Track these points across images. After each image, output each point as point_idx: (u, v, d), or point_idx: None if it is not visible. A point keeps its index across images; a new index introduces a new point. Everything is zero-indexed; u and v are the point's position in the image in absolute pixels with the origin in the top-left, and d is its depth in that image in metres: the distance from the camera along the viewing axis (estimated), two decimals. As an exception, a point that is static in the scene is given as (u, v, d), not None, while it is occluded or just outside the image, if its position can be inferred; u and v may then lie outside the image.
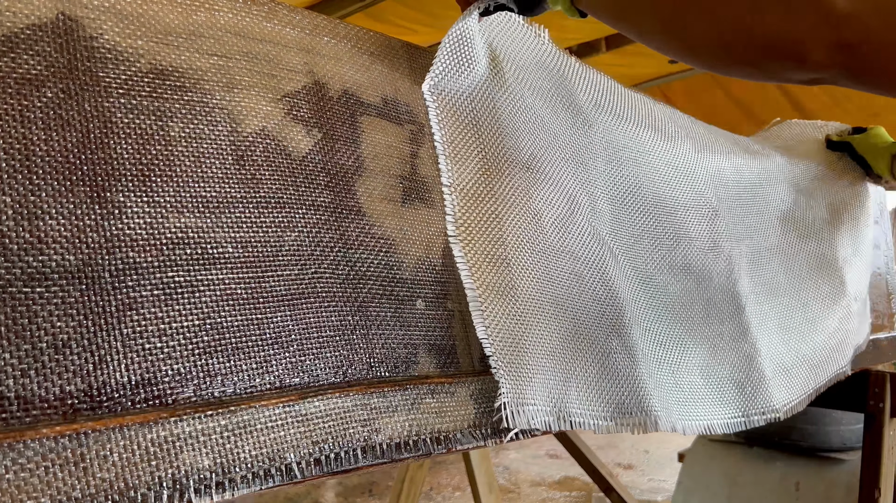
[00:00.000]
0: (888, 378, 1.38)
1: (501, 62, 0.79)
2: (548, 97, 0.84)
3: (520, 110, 0.79)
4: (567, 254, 0.79)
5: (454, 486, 3.79)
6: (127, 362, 0.48)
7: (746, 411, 0.96)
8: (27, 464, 0.42)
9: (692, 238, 0.97)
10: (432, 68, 0.70)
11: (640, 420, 0.78)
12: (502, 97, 0.78)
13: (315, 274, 0.61)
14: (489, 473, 2.10)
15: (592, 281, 0.81)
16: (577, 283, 0.79)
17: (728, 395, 0.95)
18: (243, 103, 0.60)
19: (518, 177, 0.76)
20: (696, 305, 0.95)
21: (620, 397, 0.78)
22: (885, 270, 1.56)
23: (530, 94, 0.82)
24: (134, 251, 0.50)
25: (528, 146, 0.79)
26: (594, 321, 0.79)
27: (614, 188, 0.90)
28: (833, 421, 1.93)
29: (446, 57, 0.70)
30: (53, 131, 0.49)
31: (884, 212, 1.62)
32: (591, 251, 0.82)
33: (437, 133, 0.70)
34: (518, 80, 0.80)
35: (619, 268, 0.86)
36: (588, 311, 0.79)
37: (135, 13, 0.55)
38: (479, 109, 0.75)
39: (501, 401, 0.66)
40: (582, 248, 0.81)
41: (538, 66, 0.84)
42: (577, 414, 0.73)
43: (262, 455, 0.52)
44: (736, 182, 1.09)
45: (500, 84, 0.78)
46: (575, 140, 0.86)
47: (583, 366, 0.76)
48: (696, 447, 2.19)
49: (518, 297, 0.71)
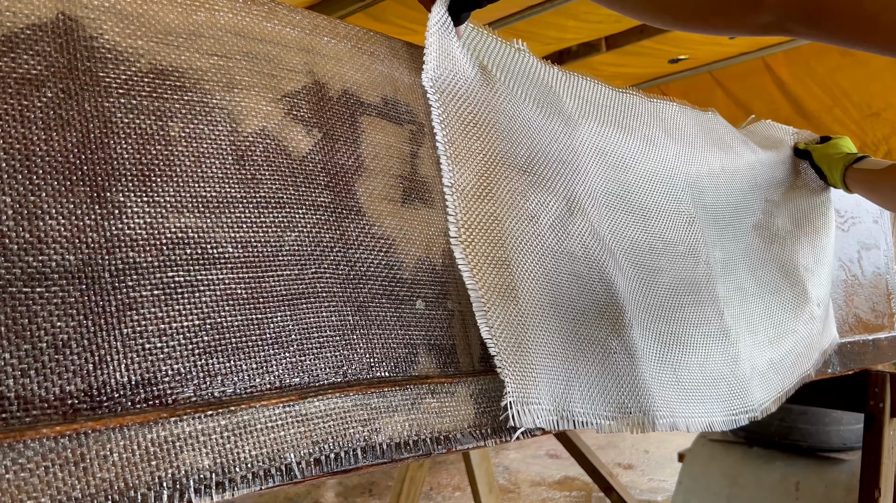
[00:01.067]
0: (888, 378, 1.38)
1: (492, 71, 0.80)
2: (539, 104, 0.85)
3: (515, 115, 0.81)
4: (565, 255, 0.80)
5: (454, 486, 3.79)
6: (127, 362, 0.48)
7: (735, 409, 0.98)
8: (27, 464, 0.42)
9: (673, 243, 0.99)
10: (425, 64, 0.72)
11: (639, 419, 0.78)
12: (498, 102, 0.79)
13: (315, 274, 0.61)
14: (489, 473, 2.10)
15: (591, 281, 0.82)
16: (576, 284, 0.80)
17: (722, 393, 0.97)
18: (243, 103, 0.60)
19: (516, 179, 0.77)
20: (687, 307, 0.97)
21: (621, 397, 0.78)
22: (885, 270, 1.56)
23: (523, 100, 0.83)
24: (134, 251, 0.50)
25: (525, 150, 0.80)
26: (594, 321, 0.80)
27: (606, 191, 0.91)
28: (833, 421, 1.93)
29: (434, 51, 0.72)
30: (53, 131, 0.49)
31: (884, 212, 1.62)
32: (589, 251, 0.83)
33: (439, 133, 0.71)
34: (509, 88, 0.82)
35: (619, 267, 0.87)
36: (587, 312, 0.80)
37: (135, 13, 0.55)
38: (479, 112, 0.76)
39: (507, 401, 0.66)
40: (581, 249, 0.82)
41: (525, 75, 0.86)
42: (580, 413, 0.74)
43: (262, 455, 0.52)
44: (713, 189, 1.12)
45: (494, 89, 0.79)
46: (568, 144, 0.87)
47: (584, 365, 0.77)
48: (696, 447, 2.19)
49: (519, 299, 0.72)
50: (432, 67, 0.72)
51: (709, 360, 0.97)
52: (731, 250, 1.11)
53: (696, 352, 0.95)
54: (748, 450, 2.05)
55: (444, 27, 0.73)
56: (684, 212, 1.03)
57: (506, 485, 3.83)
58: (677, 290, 0.97)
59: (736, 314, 1.06)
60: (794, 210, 1.28)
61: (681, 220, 1.02)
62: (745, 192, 1.19)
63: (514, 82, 0.83)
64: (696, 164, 1.09)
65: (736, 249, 1.12)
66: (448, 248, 0.72)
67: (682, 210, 1.03)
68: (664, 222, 0.99)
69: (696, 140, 1.12)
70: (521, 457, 4.33)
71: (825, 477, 1.86)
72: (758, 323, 1.11)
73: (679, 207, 1.03)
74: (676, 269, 0.98)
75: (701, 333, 0.98)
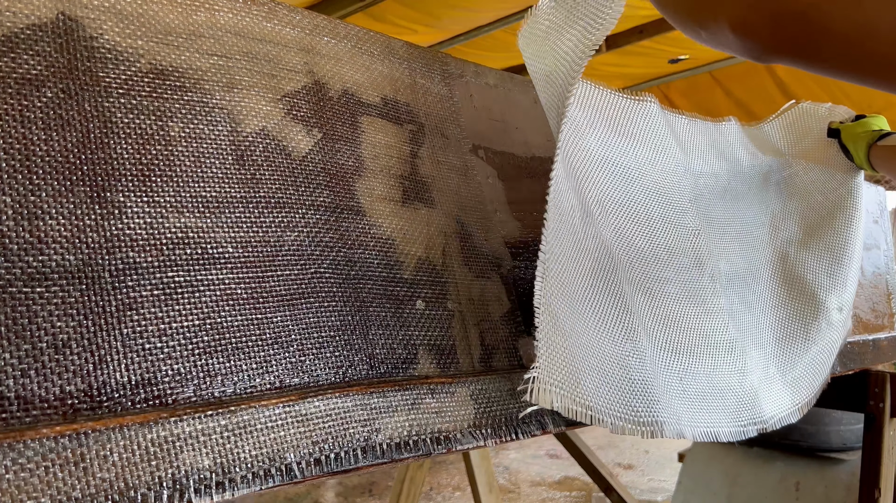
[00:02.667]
0: (888, 378, 1.38)
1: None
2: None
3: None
4: (586, 253, 0.81)
5: (454, 486, 3.79)
6: (127, 362, 0.48)
7: (744, 420, 0.98)
8: (27, 464, 0.42)
9: (678, 253, 0.99)
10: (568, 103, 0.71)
11: (648, 422, 0.78)
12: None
13: (315, 274, 0.61)
14: (489, 473, 2.10)
15: (604, 284, 0.82)
16: (591, 289, 0.80)
17: (729, 404, 0.96)
18: (243, 103, 0.60)
19: None
20: (693, 318, 0.97)
21: (633, 400, 0.79)
22: (885, 270, 1.56)
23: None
24: (134, 251, 0.50)
25: None
26: (613, 323, 0.80)
27: (612, 200, 0.92)
28: (833, 421, 1.93)
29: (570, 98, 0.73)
30: (53, 131, 0.49)
31: (884, 212, 1.62)
32: (600, 256, 0.84)
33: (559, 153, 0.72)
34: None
35: (625, 274, 0.87)
36: (606, 313, 0.80)
37: (135, 13, 0.55)
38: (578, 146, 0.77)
39: (532, 375, 0.65)
40: (596, 250, 0.83)
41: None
42: (596, 409, 0.73)
43: (262, 455, 0.52)
44: (721, 202, 1.12)
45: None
46: (579, 147, 0.88)
47: (603, 363, 0.77)
48: (696, 447, 2.19)
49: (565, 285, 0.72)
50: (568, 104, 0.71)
51: (716, 371, 0.96)
52: (738, 263, 1.11)
53: (702, 363, 0.95)
54: (748, 450, 2.05)
55: None
56: (689, 224, 1.03)
57: (506, 485, 3.83)
58: (682, 301, 0.97)
59: (743, 327, 1.06)
60: (811, 217, 1.25)
61: (686, 231, 1.02)
62: (755, 205, 1.18)
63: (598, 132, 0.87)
64: (703, 177, 1.09)
65: (743, 262, 1.12)
66: (448, 248, 0.72)
67: (688, 222, 1.03)
68: (669, 233, 0.99)
69: (707, 152, 1.12)
70: (521, 457, 4.33)
71: (825, 477, 1.86)
72: (767, 335, 1.10)
73: (684, 219, 1.03)
74: (682, 280, 0.98)
75: (707, 344, 0.97)
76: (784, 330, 1.14)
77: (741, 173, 1.18)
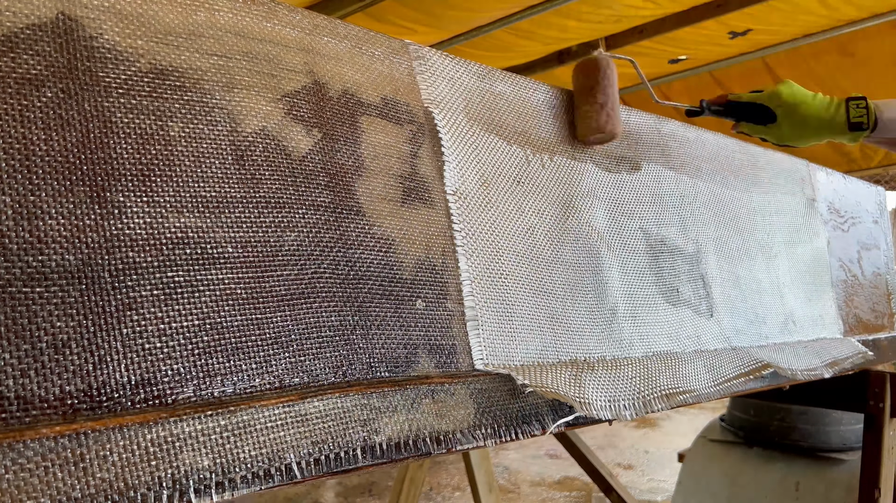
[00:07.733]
0: (888, 378, 1.38)
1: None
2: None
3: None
4: (560, 264, 0.84)
5: (454, 486, 3.79)
6: (127, 362, 0.48)
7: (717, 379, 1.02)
8: (27, 464, 0.42)
9: (678, 269, 1.03)
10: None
11: (633, 413, 0.81)
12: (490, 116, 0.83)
13: (315, 274, 0.61)
14: (489, 473, 2.10)
15: (585, 289, 0.87)
16: (570, 294, 0.84)
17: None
18: (243, 103, 0.60)
19: (511, 189, 0.81)
20: (686, 324, 1.00)
21: (613, 392, 0.81)
22: (885, 270, 1.56)
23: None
24: (134, 251, 0.50)
25: (517, 162, 0.83)
26: (588, 330, 0.84)
27: (605, 195, 0.95)
28: (833, 421, 1.93)
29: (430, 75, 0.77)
30: (53, 131, 0.49)
31: (884, 212, 1.62)
32: (583, 258, 0.88)
33: (444, 138, 0.74)
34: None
35: (617, 259, 0.91)
36: (582, 320, 0.84)
37: (135, 13, 0.55)
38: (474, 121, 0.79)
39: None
40: (574, 256, 0.87)
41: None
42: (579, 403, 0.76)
43: (262, 455, 0.52)
44: (716, 219, 1.16)
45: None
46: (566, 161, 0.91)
47: (575, 371, 0.79)
48: (696, 447, 2.19)
49: (514, 314, 0.76)
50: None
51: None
52: (728, 283, 1.16)
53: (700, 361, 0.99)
54: (748, 450, 2.05)
55: None
56: (687, 244, 1.08)
57: (506, 485, 3.83)
58: (674, 290, 1.00)
59: (733, 312, 1.09)
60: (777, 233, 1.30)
61: (686, 251, 1.07)
62: (746, 228, 1.23)
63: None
64: (701, 197, 1.14)
65: (733, 275, 1.17)
66: (448, 248, 0.72)
67: (685, 242, 1.08)
68: (662, 227, 1.03)
69: (701, 165, 1.16)
70: (521, 457, 4.33)
71: (825, 477, 1.86)
72: (742, 314, 1.14)
73: (683, 236, 1.08)
74: (674, 271, 1.01)
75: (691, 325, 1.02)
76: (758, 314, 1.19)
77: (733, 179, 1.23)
